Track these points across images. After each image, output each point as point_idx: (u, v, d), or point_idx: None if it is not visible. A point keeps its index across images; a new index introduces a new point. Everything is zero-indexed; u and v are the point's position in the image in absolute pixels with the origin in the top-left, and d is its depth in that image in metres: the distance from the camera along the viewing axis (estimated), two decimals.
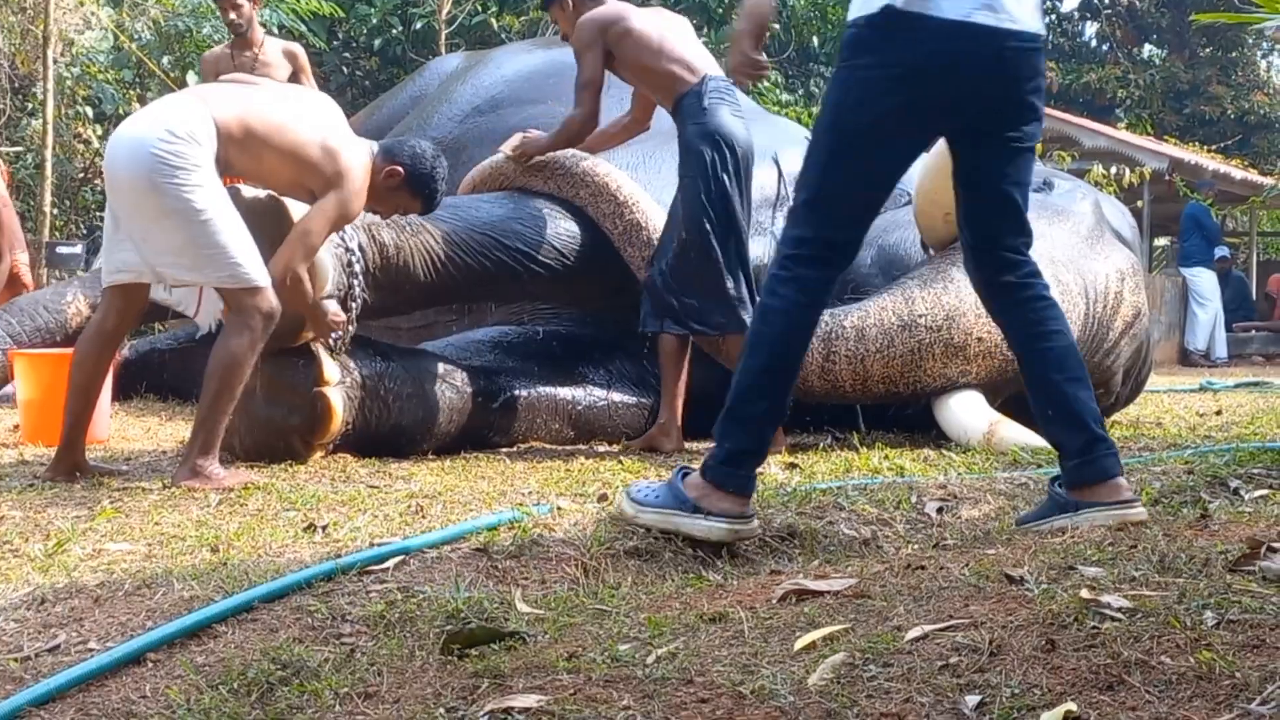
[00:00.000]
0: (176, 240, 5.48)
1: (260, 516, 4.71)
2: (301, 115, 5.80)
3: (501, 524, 4.27)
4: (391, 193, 5.96)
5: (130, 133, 5.62)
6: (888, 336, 6.37)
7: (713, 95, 6.52)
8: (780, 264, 3.99)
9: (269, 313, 5.50)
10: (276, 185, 5.85)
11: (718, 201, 6.44)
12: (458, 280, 6.49)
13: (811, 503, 4.58)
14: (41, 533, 4.58)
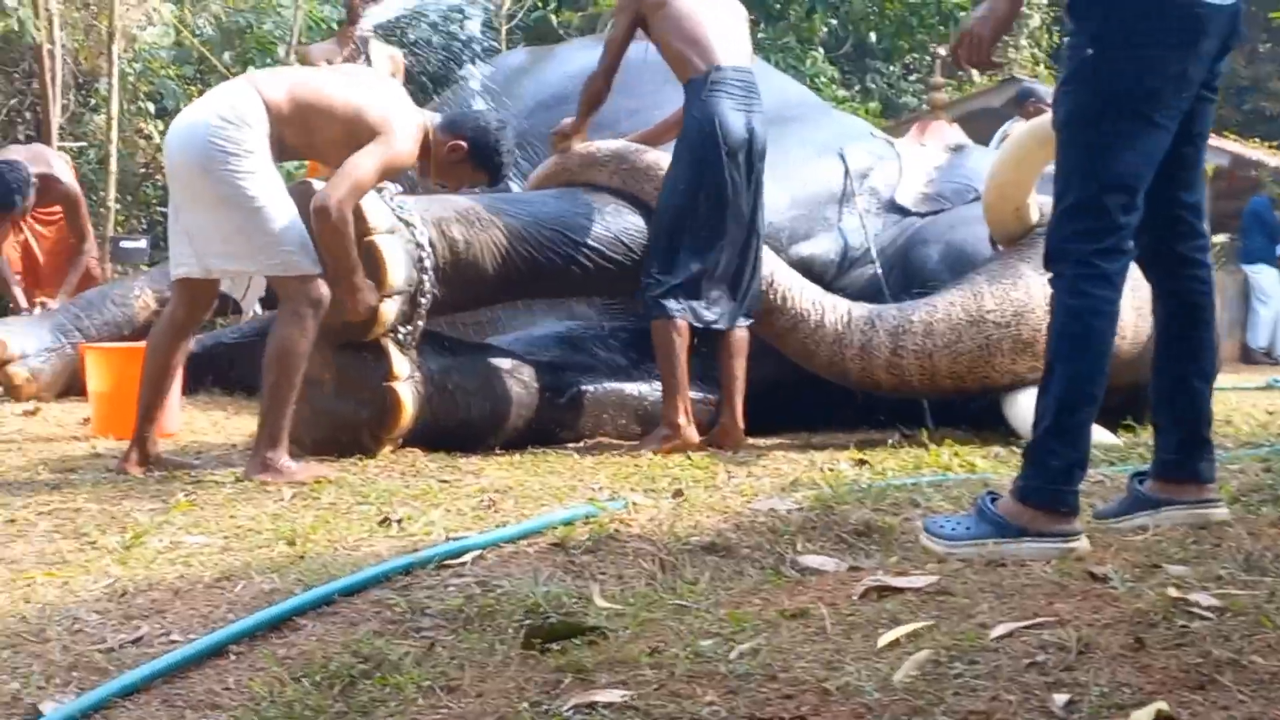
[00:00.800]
0: (228, 228, 5.53)
1: (334, 510, 4.73)
2: (349, 82, 5.84)
3: (577, 519, 4.28)
4: (456, 166, 5.97)
5: (184, 122, 5.70)
6: (956, 332, 6.35)
7: (714, 86, 6.47)
8: (1080, 262, 3.85)
9: (318, 300, 5.52)
10: (333, 155, 5.79)
11: (683, 194, 6.47)
12: (526, 275, 6.49)
13: (887, 499, 4.56)
14: (118, 525, 4.62)
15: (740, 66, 6.58)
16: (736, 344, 6.55)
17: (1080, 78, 3.85)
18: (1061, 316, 3.87)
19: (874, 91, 22.63)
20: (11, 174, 9.44)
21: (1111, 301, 3.81)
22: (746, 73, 6.59)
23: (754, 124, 6.49)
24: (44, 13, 13.87)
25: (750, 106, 6.52)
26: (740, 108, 6.48)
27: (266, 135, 5.57)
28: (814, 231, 7.29)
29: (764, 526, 4.19)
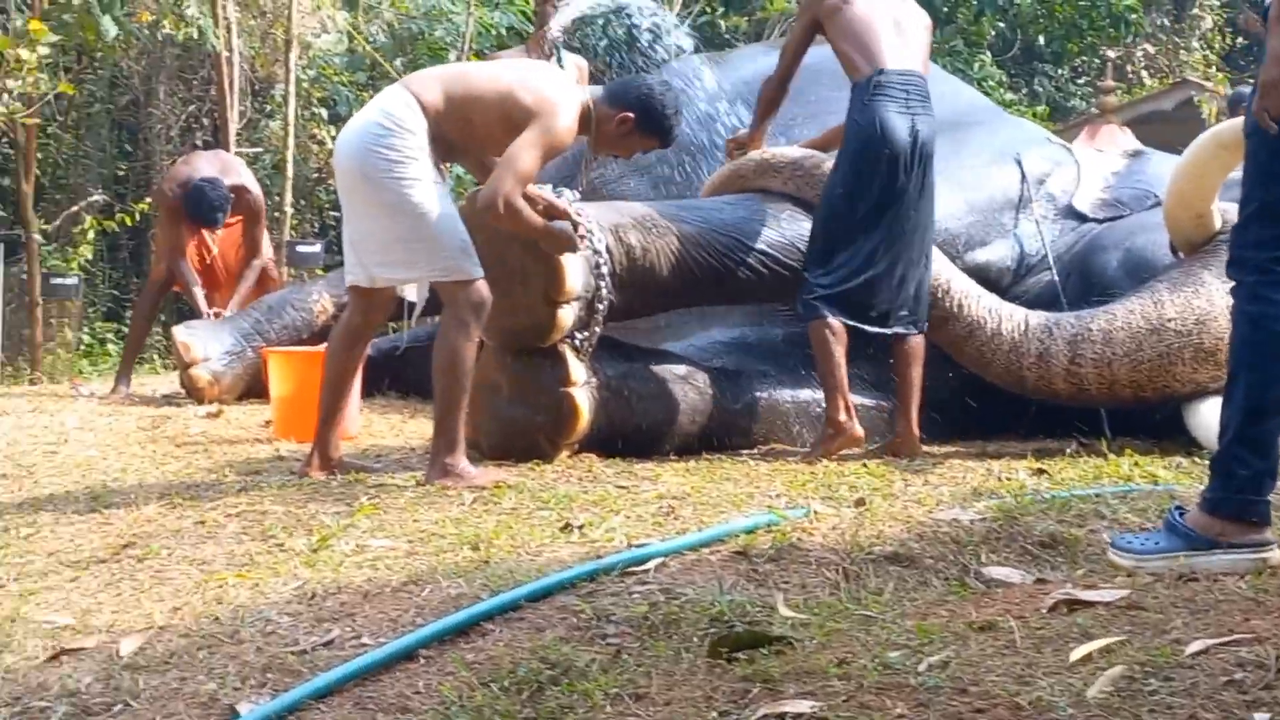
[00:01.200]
0: (388, 236, 5.60)
1: (515, 515, 4.77)
2: (500, 69, 5.91)
3: (759, 527, 4.28)
4: (626, 138, 5.93)
5: (348, 131, 5.78)
6: (1135, 340, 6.26)
7: (877, 90, 6.43)
8: (1262, 269, 3.77)
9: (480, 304, 5.55)
10: (493, 143, 5.74)
11: (842, 197, 6.47)
12: (701, 281, 6.51)
13: (1071, 510, 4.51)
14: (304, 528, 4.70)
15: (907, 70, 6.53)
16: (911, 351, 6.51)
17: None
18: (1243, 324, 3.81)
19: (1041, 94, 22.40)
20: (214, 192, 9.67)
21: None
22: (914, 76, 6.54)
23: (919, 128, 6.43)
24: (223, 21, 14.13)
25: (915, 110, 6.46)
26: (904, 111, 6.43)
27: (427, 138, 5.62)
28: (990, 238, 7.23)
29: (947, 537, 4.17)
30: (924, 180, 6.46)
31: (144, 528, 4.88)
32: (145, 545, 4.56)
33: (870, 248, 6.40)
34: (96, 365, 14.81)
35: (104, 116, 17.07)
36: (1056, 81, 23.15)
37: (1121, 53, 23.33)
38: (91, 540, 4.75)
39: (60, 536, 4.85)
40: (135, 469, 6.30)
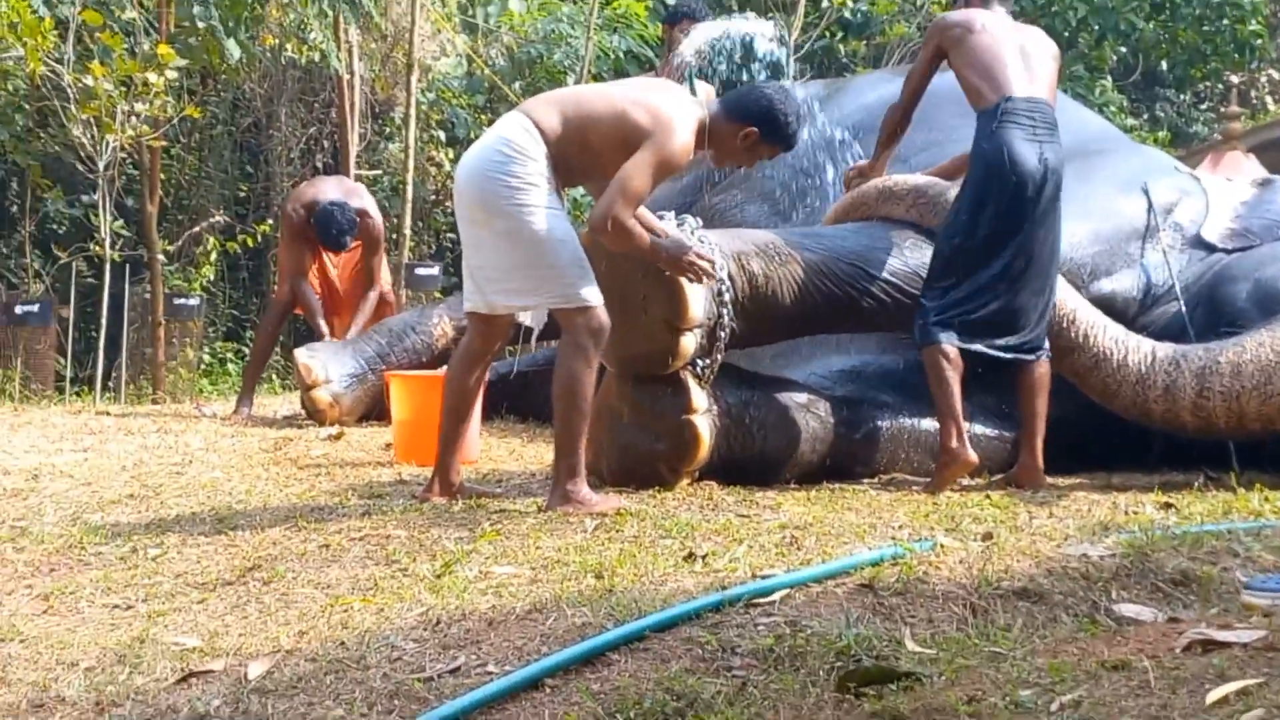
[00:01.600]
0: (507, 264, 5.62)
1: (638, 543, 4.76)
2: (615, 88, 5.89)
3: (885, 560, 4.25)
4: (751, 150, 5.92)
5: (468, 159, 5.80)
6: (1265, 373, 6.16)
7: (1005, 117, 6.40)
8: None
9: (598, 330, 5.56)
10: (614, 165, 5.67)
11: (965, 223, 6.43)
12: (824, 310, 6.48)
13: (1203, 547, 4.44)
14: (427, 553, 4.72)
15: (1035, 98, 6.49)
16: (1037, 381, 6.46)
17: None
18: None
19: (1163, 120, 22.19)
20: (343, 216, 9.76)
21: None
22: (1042, 104, 6.50)
23: (1047, 155, 6.38)
24: (344, 44, 14.28)
25: (1043, 138, 6.41)
26: (1031, 138, 6.38)
27: (547, 164, 5.62)
28: (1116, 267, 7.15)
29: (1076, 572, 4.11)
30: (1050, 208, 6.41)
31: (269, 550, 4.93)
32: (271, 568, 4.60)
33: (991, 275, 6.35)
34: (216, 385, 14.98)
35: (226, 138, 17.27)
36: (1179, 107, 22.92)
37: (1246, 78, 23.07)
38: (218, 562, 4.80)
39: (187, 558, 4.90)
40: (259, 491, 6.36)
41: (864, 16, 18.09)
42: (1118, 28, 18.71)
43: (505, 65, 16.82)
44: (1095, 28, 18.64)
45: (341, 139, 15.03)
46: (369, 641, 3.66)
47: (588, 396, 5.58)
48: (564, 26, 16.60)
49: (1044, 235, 6.41)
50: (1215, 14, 19.21)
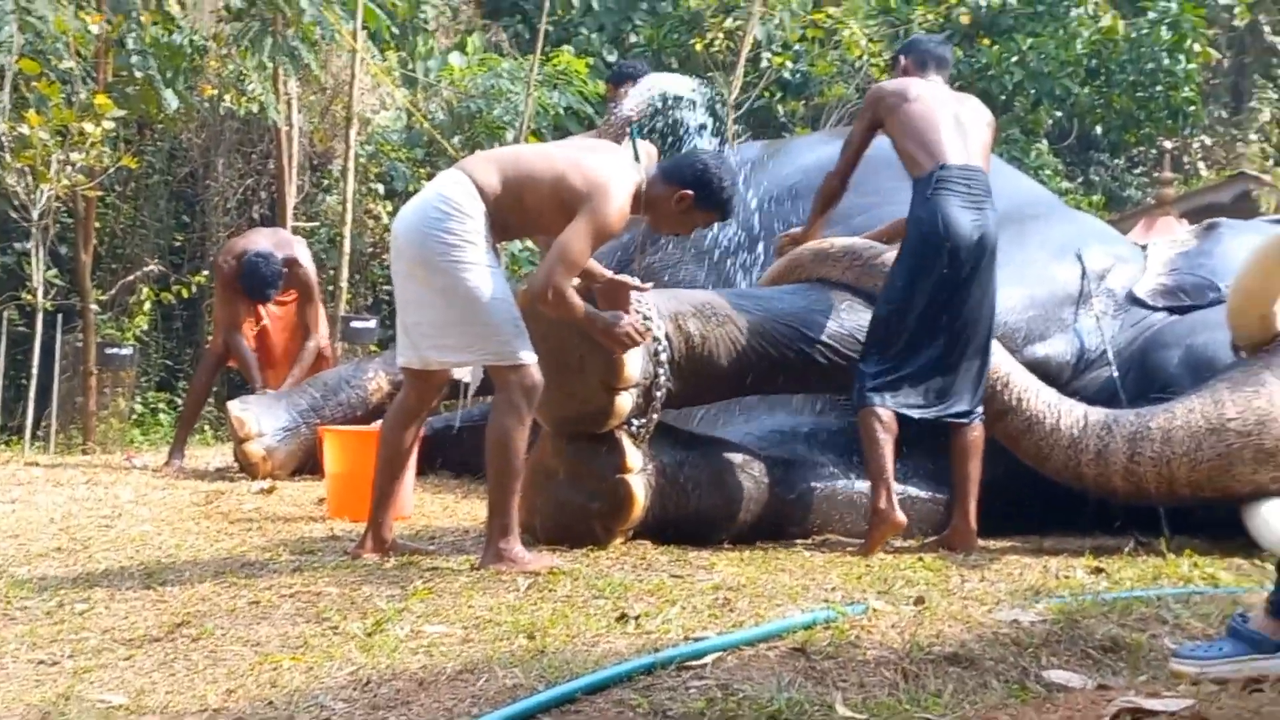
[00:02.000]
0: (443, 319, 5.62)
1: (571, 603, 4.74)
2: (555, 149, 5.91)
3: (817, 623, 4.24)
4: (685, 215, 5.92)
5: (405, 214, 5.79)
6: (1195, 440, 6.20)
7: (941, 184, 6.46)
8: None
9: (531, 388, 5.56)
10: (550, 225, 5.76)
11: (901, 289, 6.48)
12: (760, 370, 6.49)
13: (1133, 614, 4.46)
14: (359, 611, 4.69)
15: (970, 166, 6.55)
16: (970, 445, 6.49)
17: None
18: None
19: (1097, 184, 22.37)
20: (267, 267, 9.69)
21: None
22: (977, 172, 6.56)
23: (982, 222, 6.44)
24: (283, 96, 14.26)
25: (978, 205, 6.47)
26: (966, 205, 6.44)
27: (484, 221, 5.63)
28: (1050, 332, 7.19)
29: (1007, 638, 4.12)
30: (985, 275, 6.46)
31: (198, 606, 4.89)
32: (200, 624, 4.57)
33: (927, 340, 6.41)
34: (148, 435, 14.89)
35: (162, 188, 17.20)
36: (1113, 171, 23.11)
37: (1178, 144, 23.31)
38: (146, 618, 4.76)
39: (115, 613, 4.86)
40: (189, 545, 6.31)
41: (803, 77, 18.21)
42: (1053, 92, 18.88)
43: (445, 119, 16.85)
44: (1031, 92, 18.80)
45: (279, 190, 14.99)
46: (298, 701, 3.63)
47: (520, 454, 5.58)
48: (504, 82, 16.64)
49: (979, 301, 6.46)
50: (1149, 81, 19.40)
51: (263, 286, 9.75)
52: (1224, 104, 25.62)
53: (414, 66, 17.57)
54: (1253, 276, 6.18)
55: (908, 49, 7.25)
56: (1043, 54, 18.59)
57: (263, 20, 13.26)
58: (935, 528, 6.70)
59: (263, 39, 13.19)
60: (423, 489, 8.20)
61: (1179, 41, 19.44)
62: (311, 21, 13.35)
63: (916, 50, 7.16)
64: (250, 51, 13.29)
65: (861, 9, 18.60)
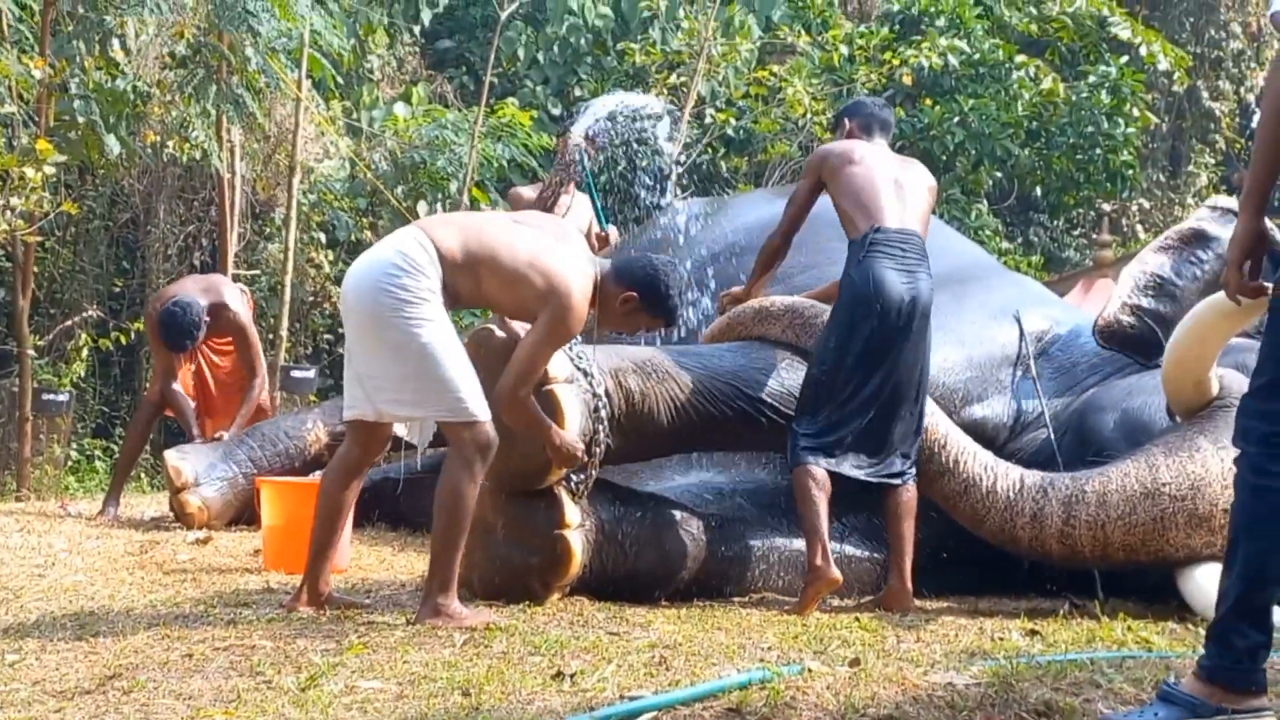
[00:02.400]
0: (397, 373, 5.60)
1: (506, 660, 4.73)
2: (517, 236, 5.83)
3: (752, 683, 4.24)
4: (629, 316, 6.00)
5: (360, 267, 5.77)
6: (1130, 504, 6.24)
7: (875, 246, 6.55)
8: (1264, 440, 3.79)
9: (486, 446, 5.57)
10: (503, 308, 5.92)
11: (834, 350, 6.53)
12: (700, 427, 6.51)
13: (1066, 677, 4.47)
14: (293, 665, 4.66)
15: (906, 229, 6.63)
16: (904, 504, 6.53)
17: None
18: (1246, 494, 3.86)
19: (1037, 245, 22.53)
20: (185, 317, 9.51)
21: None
22: (912, 235, 6.64)
23: (915, 284, 6.52)
24: (226, 143, 14.23)
25: (912, 267, 6.55)
26: (899, 268, 6.52)
27: (440, 282, 5.64)
28: (987, 394, 7.25)
29: (942, 701, 4.13)
30: (919, 336, 6.53)
31: (131, 658, 4.84)
32: (131, 677, 4.52)
33: (860, 400, 6.46)
34: (84, 482, 14.75)
35: (103, 233, 17.10)
36: (1052, 233, 23.28)
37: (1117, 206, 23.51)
38: (78, 670, 4.71)
39: (46, 665, 4.80)
40: (123, 596, 6.27)
41: (746, 134, 18.30)
42: (994, 153, 19.01)
43: (388, 169, 16.83)
44: (972, 152, 18.92)
45: (221, 237, 14.92)
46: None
47: (469, 511, 5.58)
48: (448, 133, 16.64)
49: (912, 362, 6.51)
50: (1089, 143, 19.55)
51: (179, 337, 9.59)
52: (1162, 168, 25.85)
53: (358, 116, 17.56)
54: (1187, 343, 6.23)
55: (852, 111, 7.31)
56: (984, 115, 18.72)
57: (207, 67, 13.24)
58: (872, 587, 6.73)
59: (207, 86, 13.16)
60: (360, 542, 8.18)
61: (1118, 105, 19.63)
62: (256, 70, 13.34)
63: (861, 113, 7.22)
64: (194, 98, 13.25)
65: (805, 67, 18.71)
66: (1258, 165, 3.94)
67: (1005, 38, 20.31)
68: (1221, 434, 6.11)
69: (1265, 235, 3.97)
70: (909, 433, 6.54)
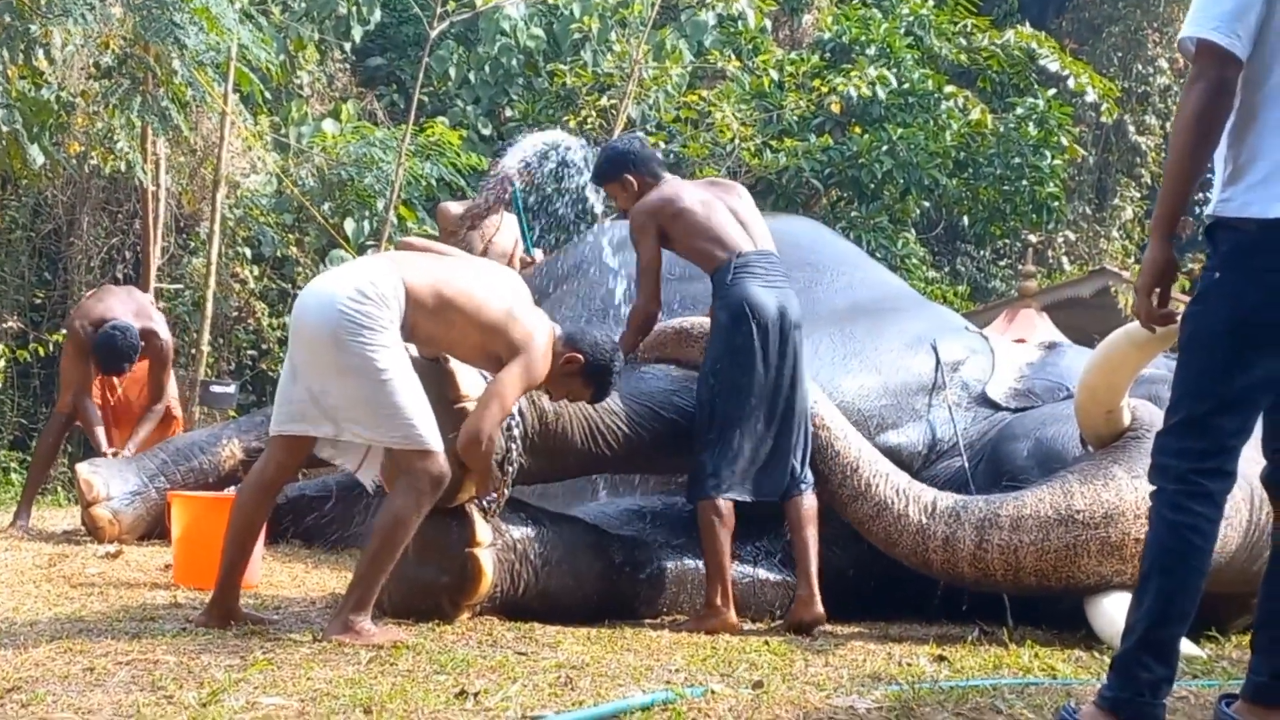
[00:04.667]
0: (354, 397, 5.57)
1: (411, 678, 4.70)
2: (491, 287, 5.89)
3: (655, 704, 4.24)
4: (566, 378, 6.03)
5: (322, 288, 5.72)
6: (1044, 529, 6.28)
7: (739, 270, 6.66)
8: (1183, 479, 3.84)
9: (439, 476, 5.57)
10: (462, 351, 5.92)
11: (724, 371, 6.58)
12: (615, 450, 6.51)
13: (968, 703, 4.49)
14: (195, 680, 4.61)
15: (764, 251, 6.79)
16: (804, 515, 6.57)
17: (1206, 298, 3.89)
18: (1161, 531, 3.88)
19: (963, 275, 22.67)
20: (124, 340, 9.49)
21: (1212, 520, 3.83)
22: (769, 255, 6.80)
23: (784, 301, 6.65)
24: (151, 156, 14.13)
25: (778, 284, 6.69)
26: (766, 286, 6.64)
27: (400, 316, 5.63)
28: (903, 421, 7.30)
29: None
30: (794, 350, 6.62)
31: (31, 671, 4.78)
32: (30, 690, 4.46)
33: (755, 421, 6.53)
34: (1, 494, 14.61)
35: (24, 244, 16.92)
36: (978, 263, 23.44)
37: (1043, 238, 23.69)
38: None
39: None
40: (28, 609, 6.19)
41: (675, 157, 18.31)
42: (922, 183, 19.09)
43: (315, 186, 16.76)
44: (900, 181, 18.99)
45: (144, 251, 14.81)
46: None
47: (405, 539, 5.60)
48: (376, 150, 16.58)
49: (791, 376, 6.60)
50: (1015, 175, 19.67)
51: (118, 360, 9.57)
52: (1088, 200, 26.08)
53: (287, 131, 17.46)
54: (1100, 373, 6.28)
55: (627, 165, 7.11)
56: (912, 144, 18.81)
57: (133, 79, 13.12)
58: (783, 611, 6.74)
59: (132, 98, 13.04)
60: (273, 558, 8.13)
61: (1045, 138, 19.77)
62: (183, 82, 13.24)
63: (639, 162, 7.10)
64: (119, 110, 13.14)
65: (735, 93, 18.76)
66: (1166, 193, 3.98)
67: (935, 68, 20.43)
68: (1137, 464, 6.17)
69: (1174, 263, 4.00)
70: (798, 446, 6.61)
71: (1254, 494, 6.10)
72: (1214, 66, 3.85)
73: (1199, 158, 3.90)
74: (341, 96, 19.34)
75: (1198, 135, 3.88)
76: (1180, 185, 3.93)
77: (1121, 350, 6.15)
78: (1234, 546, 6.21)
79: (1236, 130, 3.94)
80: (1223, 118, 3.89)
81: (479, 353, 5.86)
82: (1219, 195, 3.97)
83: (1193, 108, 3.88)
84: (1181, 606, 3.82)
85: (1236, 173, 3.93)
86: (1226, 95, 3.88)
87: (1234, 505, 6.16)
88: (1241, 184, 3.91)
